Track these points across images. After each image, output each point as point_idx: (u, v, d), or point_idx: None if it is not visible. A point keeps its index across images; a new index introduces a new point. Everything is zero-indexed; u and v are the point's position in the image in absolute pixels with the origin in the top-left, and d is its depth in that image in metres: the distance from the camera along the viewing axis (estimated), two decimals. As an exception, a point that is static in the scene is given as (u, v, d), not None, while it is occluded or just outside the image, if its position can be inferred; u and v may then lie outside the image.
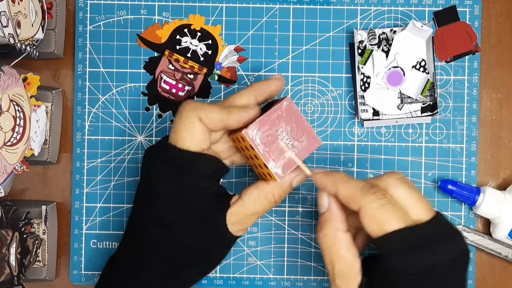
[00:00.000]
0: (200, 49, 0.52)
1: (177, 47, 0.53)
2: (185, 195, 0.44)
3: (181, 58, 0.52)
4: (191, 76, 0.53)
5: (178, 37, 0.53)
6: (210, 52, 0.53)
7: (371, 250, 0.50)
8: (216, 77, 0.53)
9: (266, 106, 0.47)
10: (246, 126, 0.42)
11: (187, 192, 0.44)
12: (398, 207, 0.39)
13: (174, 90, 0.53)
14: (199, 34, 0.53)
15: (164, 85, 0.53)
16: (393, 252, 0.38)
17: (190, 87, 0.53)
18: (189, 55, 0.53)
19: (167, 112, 0.54)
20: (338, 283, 0.41)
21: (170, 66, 0.53)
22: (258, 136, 0.42)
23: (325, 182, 0.42)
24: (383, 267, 0.39)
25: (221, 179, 0.51)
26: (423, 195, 0.41)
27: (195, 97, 0.53)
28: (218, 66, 0.53)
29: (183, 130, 0.43)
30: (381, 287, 0.39)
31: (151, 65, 0.53)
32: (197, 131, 0.43)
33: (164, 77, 0.53)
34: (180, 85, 0.53)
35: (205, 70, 0.53)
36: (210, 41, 0.53)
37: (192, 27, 0.52)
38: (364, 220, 0.39)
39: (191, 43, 0.52)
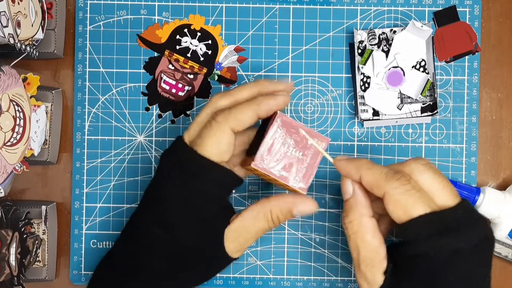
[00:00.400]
0: (200, 49, 0.52)
1: (177, 47, 0.53)
2: (192, 200, 0.44)
3: (181, 58, 0.52)
4: (191, 76, 0.53)
5: (178, 37, 0.53)
6: (210, 52, 0.53)
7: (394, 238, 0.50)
8: (216, 77, 0.53)
9: (260, 127, 0.46)
10: (252, 158, 0.43)
11: (194, 196, 0.44)
12: (423, 193, 0.39)
13: (174, 90, 0.53)
14: (199, 34, 0.53)
15: (164, 85, 0.53)
16: (418, 236, 0.38)
17: (190, 87, 0.53)
18: (189, 55, 0.53)
19: (167, 112, 0.54)
20: (363, 269, 0.41)
21: (170, 66, 0.52)
22: (267, 162, 0.42)
23: (348, 168, 0.42)
24: (407, 252, 0.39)
25: (233, 191, 0.50)
26: (448, 181, 0.41)
27: (195, 97, 0.53)
28: (218, 66, 0.53)
29: (212, 139, 0.43)
30: (406, 273, 0.39)
31: (151, 65, 0.53)
32: (224, 141, 0.43)
33: (164, 77, 0.52)
34: (180, 85, 0.53)
35: (205, 70, 0.53)
36: (210, 41, 0.53)
37: (192, 27, 0.52)
38: (389, 206, 0.39)
39: (191, 43, 0.52)
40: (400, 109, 0.52)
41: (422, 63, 0.52)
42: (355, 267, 0.42)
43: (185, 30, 0.53)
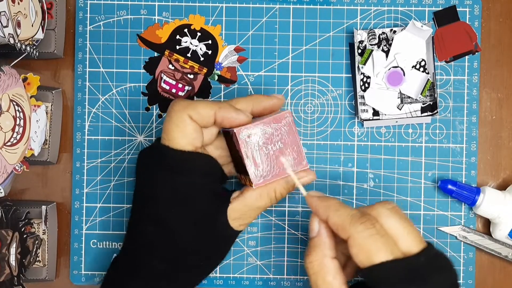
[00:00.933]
0: (200, 49, 0.52)
1: (177, 47, 0.53)
2: (181, 194, 0.44)
3: (181, 58, 0.52)
4: (191, 76, 0.53)
5: (178, 37, 0.52)
6: (210, 52, 0.53)
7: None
8: (216, 77, 0.53)
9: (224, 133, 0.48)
10: (247, 179, 0.45)
11: (183, 191, 0.44)
12: (387, 238, 0.38)
13: (174, 90, 0.53)
14: (199, 34, 0.53)
15: (164, 85, 0.53)
16: (380, 284, 0.37)
17: (190, 87, 0.53)
18: (189, 55, 0.53)
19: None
20: None
21: (170, 66, 0.52)
22: (264, 175, 0.44)
23: (318, 207, 0.42)
24: None
25: (227, 177, 0.49)
26: (414, 226, 0.40)
27: (195, 97, 0.53)
28: (218, 66, 0.53)
29: (175, 130, 0.44)
30: None
31: (151, 65, 0.53)
32: (189, 129, 0.44)
33: (164, 77, 0.52)
34: (180, 85, 0.52)
35: (205, 70, 0.53)
36: (210, 41, 0.53)
37: (192, 27, 0.52)
38: (352, 250, 0.38)
39: (191, 43, 0.52)
40: (400, 109, 0.52)
41: (422, 63, 0.52)
42: None
43: (185, 30, 0.52)
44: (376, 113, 0.53)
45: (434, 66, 0.52)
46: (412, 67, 0.52)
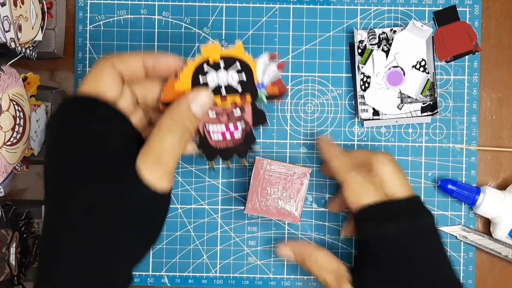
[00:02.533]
0: (232, 78, 0.43)
1: None
2: (88, 136, 0.38)
3: (218, 99, 0.43)
4: (238, 112, 0.45)
5: (201, 79, 0.43)
6: (244, 75, 0.44)
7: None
8: (265, 99, 0.45)
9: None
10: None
11: (89, 134, 0.38)
12: (376, 185, 0.44)
13: (228, 136, 0.45)
14: (222, 63, 0.43)
15: (215, 137, 0.45)
16: (364, 222, 0.44)
17: (243, 123, 0.45)
18: (223, 91, 0.43)
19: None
20: (334, 284, 0.45)
21: (210, 113, 0.44)
22: (264, 173, 0.49)
23: (325, 149, 0.49)
24: (361, 236, 0.45)
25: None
26: (405, 177, 0.46)
27: (252, 129, 0.46)
28: (260, 86, 0.44)
29: (90, 78, 0.39)
30: (365, 259, 0.45)
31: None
32: (105, 76, 0.39)
33: (211, 128, 0.45)
34: (231, 127, 0.45)
35: (249, 98, 0.44)
36: (238, 64, 0.43)
37: (211, 61, 0.43)
38: (345, 192, 0.45)
39: (218, 77, 0.43)
40: (400, 109, 0.52)
41: (422, 63, 0.52)
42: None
43: (205, 67, 0.43)
44: (376, 113, 0.53)
45: (434, 66, 0.52)
46: (412, 67, 0.52)
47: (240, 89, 0.43)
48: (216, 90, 0.43)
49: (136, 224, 0.38)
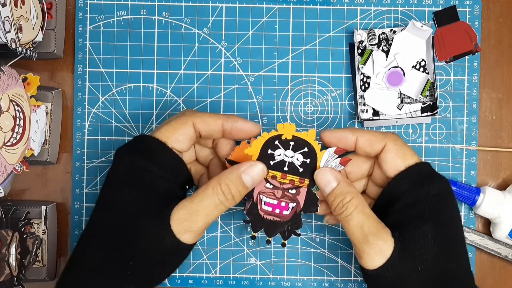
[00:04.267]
0: (297, 159, 0.46)
1: (271, 162, 0.46)
2: (137, 173, 0.43)
3: (278, 174, 0.46)
4: (293, 191, 0.46)
5: (270, 151, 0.45)
6: (308, 160, 0.46)
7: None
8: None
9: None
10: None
11: (139, 171, 0.43)
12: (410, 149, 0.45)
13: (277, 210, 0.47)
14: (292, 143, 0.46)
15: (265, 207, 0.47)
16: (414, 181, 0.44)
17: (295, 204, 0.47)
18: (285, 168, 0.46)
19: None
20: (373, 240, 0.42)
21: (268, 184, 0.46)
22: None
23: (344, 133, 0.45)
24: (400, 204, 0.44)
25: (187, 187, 0.49)
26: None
27: (301, 212, 0.47)
28: None
29: (170, 125, 0.45)
30: (408, 226, 0.43)
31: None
32: (182, 130, 0.44)
33: (264, 199, 0.46)
34: (283, 203, 0.47)
35: (307, 182, 0.46)
36: (306, 149, 0.46)
37: (283, 137, 0.45)
38: (388, 155, 0.44)
39: (285, 155, 0.45)
40: (400, 109, 0.52)
41: (422, 63, 0.52)
42: (362, 245, 0.42)
43: (276, 142, 0.46)
44: (376, 113, 0.53)
45: (434, 66, 0.52)
46: (412, 67, 0.52)
47: (301, 171, 0.46)
48: (280, 165, 0.46)
49: (151, 261, 0.42)
